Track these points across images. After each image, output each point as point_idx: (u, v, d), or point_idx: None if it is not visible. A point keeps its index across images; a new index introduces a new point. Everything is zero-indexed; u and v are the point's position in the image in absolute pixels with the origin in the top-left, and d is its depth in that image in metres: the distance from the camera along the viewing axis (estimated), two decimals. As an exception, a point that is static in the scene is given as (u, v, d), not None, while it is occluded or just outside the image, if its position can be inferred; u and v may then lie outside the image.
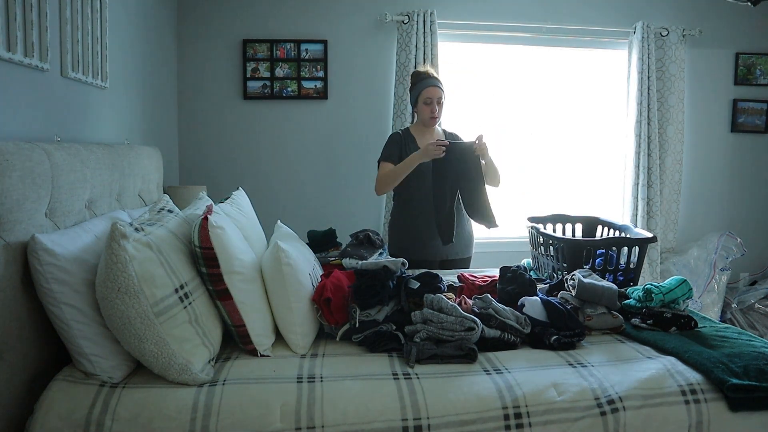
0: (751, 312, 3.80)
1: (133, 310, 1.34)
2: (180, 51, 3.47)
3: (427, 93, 2.67)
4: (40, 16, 1.64)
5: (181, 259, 1.53)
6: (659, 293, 1.85)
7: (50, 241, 1.37)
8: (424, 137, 2.75)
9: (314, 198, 3.67)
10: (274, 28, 3.53)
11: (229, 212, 1.92)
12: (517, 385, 1.45)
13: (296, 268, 1.71)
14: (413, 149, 2.67)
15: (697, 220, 4.05)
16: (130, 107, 2.57)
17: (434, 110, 2.68)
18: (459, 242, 2.70)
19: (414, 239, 2.68)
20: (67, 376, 1.40)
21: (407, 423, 1.34)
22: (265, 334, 1.66)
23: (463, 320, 1.63)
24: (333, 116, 3.63)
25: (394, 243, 2.76)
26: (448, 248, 2.69)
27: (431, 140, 2.71)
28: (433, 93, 2.67)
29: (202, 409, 1.33)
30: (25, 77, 1.63)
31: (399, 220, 2.76)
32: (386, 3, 3.56)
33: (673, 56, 3.75)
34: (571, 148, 4.01)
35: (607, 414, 1.40)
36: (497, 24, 3.66)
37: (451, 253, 2.71)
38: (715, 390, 1.47)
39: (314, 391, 1.40)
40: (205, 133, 3.55)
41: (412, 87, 2.75)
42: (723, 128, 4.03)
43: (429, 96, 2.66)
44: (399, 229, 2.75)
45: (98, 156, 1.82)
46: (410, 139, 2.74)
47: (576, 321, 1.76)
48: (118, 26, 2.37)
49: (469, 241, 2.79)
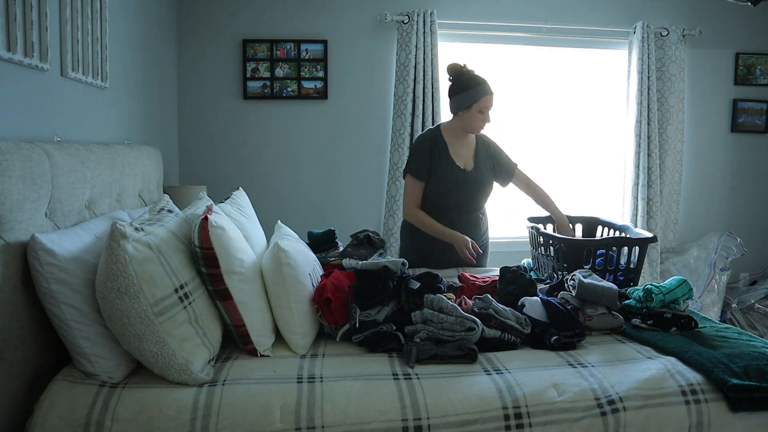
0: (751, 312, 3.80)
1: (133, 310, 1.33)
2: (180, 51, 3.47)
3: (485, 102, 2.49)
4: (40, 16, 1.64)
5: (181, 259, 1.53)
6: (659, 293, 1.85)
7: (50, 241, 1.37)
8: (457, 142, 2.58)
9: (314, 198, 3.67)
10: (274, 28, 3.53)
11: (229, 212, 1.92)
12: (517, 385, 1.44)
13: (296, 268, 1.71)
14: (444, 159, 2.53)
15: (697, 220, 4.05)
16: (130, 107, 2.57)
17: (487, 119, 2.53)
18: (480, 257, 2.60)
19: (434, 247, 2.55)
20: (67, 376, 1.40)
21: (407, 423, 1.34)
22: (265, 334, 1.66)
23: (463, 320, 1.63)
24: (333, 116, 3.63)
25: (410, 247, 2.65)
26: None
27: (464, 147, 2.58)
28: (491, 103, 2.52)
29: (202, 409, 1.33)
30: (25, 77, 1.63)
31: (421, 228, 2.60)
32: (386, 3, 3.56)
33: (673, 56, 3.75)
34: (571, 148, 4.01)
35: (607, 414, 1.40)
36: (497, 24, 3.66)
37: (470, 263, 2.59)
38: (715, 390, 1.47)
39: (314, 391, 1.40)
40: (205, 133, 3.55)
41: (465, 90, 2.50)
42: (723, 128, 4.03)
43: (486, 105, 2.50)
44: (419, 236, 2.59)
45: (98, 156, 1.82)
46: (442, 145, 2.56)
47: (576, 321, 1.76)
48: (118, 26, 2.37)
49: (486, 250, 2.73)
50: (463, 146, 2.61)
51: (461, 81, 2.54)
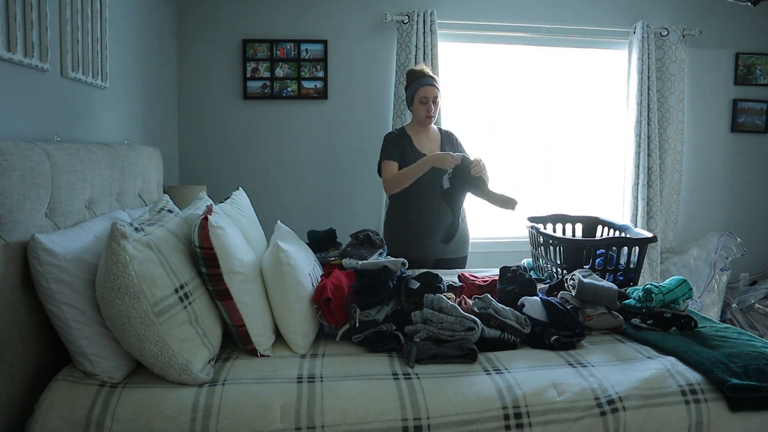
0: (751, 312, 3.80)
1: (133, 310, 1.33)
2: (180, 51, 3.47)
3: (422, 92, 2.64)
4: (40, 16, 1.64)
5: (181, 259, 1.53)
6: (659, 293, 1.85)
7: (50, 241, 1.37)
8: (420, 136, 2.73)
9: (314, 198, 3.67)
10: (274, 28, 3.53)
11: (229, 212, 1.92)
12: (517, 385, 1.45)
13: (296, 268, 1.71)
14: (410, 149, 2.67)
15: (697, 220, 4.05)
16: (130, 107, 2.57)
17: (430, 109, 2.66)
18: (455, 241, 2.72)
19: (410, 238, 2.67)
20: (67, 376, 1.40)
21: (407, 423, 1.34)
22: (265, 334, 1.66)
23: (463, 320, 1.63)
24: (333, 116, 3.63)
25: (390, 241, 2.73)
26: (444, 247, 2.70)
27: (427, 140, 2.73)
28: (429, 92, 2.64)
29: (202, 409, 1.33)
30: (25, 77, 1.63)
31: (395, 219, 2.75)
32: (386, 3, 3.56)
33: (673, 56, 3.75)
34: (571, 148, 4.01)
35: (607, 414, 1.40)
36: (497, 24, 3.66)
37: (447, 251, 2.72)
38: (715, 390, 1.47)
39: (314, 391, 1.40)
40: (205, 133, 3.55)
41: (408, 86, 2.72)
42: (723, 128, 4.03)
43: (425, 95, 2.64)
44: (395, 227, 2.75)
45: (98, 156, 1.82)
46: (407, 139, 2.72)
47: (576, 321, 1.76)
48: (118, 26, 2.37)
49: (465, 240, 2.80)
50: (426, 139, 2.74)
51: (406, 80, 2.75)
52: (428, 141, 2.75)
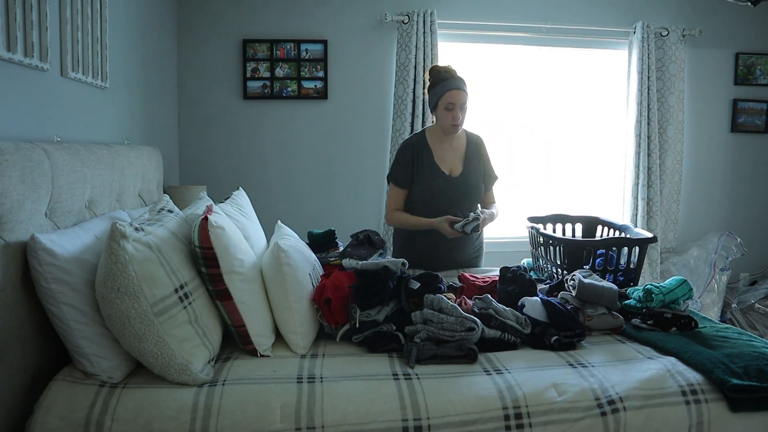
0: (751, 312, 3.80)
1: (133, 310, 1.33)
2: (180, 51, 3.47)
3: (449, 97, 2.32)
4: (40, 16, 1.64)
5: (181, 259, 1.53)
6: (659, 293, 1.85)
7: (50, 241, 1.37)
8: (442, 146, 2.46)
9: (314, 198, 3.67)
10: (274, 28, 3.52)
11: (229, 212, 1.92)
12: (517, 385, 1.44)
13: (296, 268, 1.71)
14: (428, 164, 2.43)
15: (697, 220, 4.05)
16: (130, 107, 2.57)
17: (457, 117, 2.35)
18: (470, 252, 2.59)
19: (426, 249, 2.47)
20: (67, 376, 1.40)
21: (407, 423, 1.34)
22: (265, 334, 1.66)
23: (463, 320, 1.63)
24: (333, 116, 3.63)
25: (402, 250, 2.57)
26: (460, 259, 2.54)
27: (450, 151, 2.47)
28: (457, 98, 2.32)
29: (202, 410, 1.33)
30: (25, 77, 1.63)
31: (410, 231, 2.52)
32: (386, 3, 3.56)
33: (673, 56, 3.75)
34: (571, 148, 4.01)
35: (607, 414, 1.40)
36: (497, 24, 3.66)
37: (464, 263, 2.57)
38: (715, 390, 1.47)
39: (314, 392, 1.40)
40: (205, 133, 3.55)
41: (432, 87, 2.39)
42: (723, 128, 4.03)
43: (451, 101, 2.32)
44: (410, 238, 2.53)
45: (98, 156, 1.82)
46: (426, 150, 2.44)
47: (576, 321, 1.76)
48: (118, 26, 2.37)
49: (479, 251, 2.66)
50: (449, 149, 2.48)
51: (430, 79, 2.43)
52: (451, 153, 2.48)
